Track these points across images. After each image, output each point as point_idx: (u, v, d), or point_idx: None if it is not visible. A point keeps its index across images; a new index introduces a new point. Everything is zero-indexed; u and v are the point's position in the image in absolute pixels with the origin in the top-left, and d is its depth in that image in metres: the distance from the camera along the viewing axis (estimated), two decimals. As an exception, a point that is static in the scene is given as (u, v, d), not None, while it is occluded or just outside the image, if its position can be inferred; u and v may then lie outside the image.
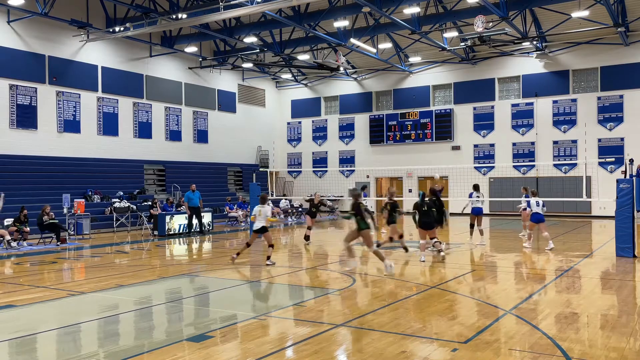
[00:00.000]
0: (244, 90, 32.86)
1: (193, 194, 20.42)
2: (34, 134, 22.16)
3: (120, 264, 13.35)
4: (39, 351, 6.67)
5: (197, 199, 20.48)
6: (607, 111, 26.68)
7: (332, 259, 13.78)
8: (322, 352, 6.18)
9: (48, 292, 9.78)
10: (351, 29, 24.78)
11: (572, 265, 12.28)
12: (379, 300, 8.90)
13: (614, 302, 8.72)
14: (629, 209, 13.04)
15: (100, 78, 24.73)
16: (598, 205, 25.60)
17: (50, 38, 22.69)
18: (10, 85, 21.39)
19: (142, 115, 26.55)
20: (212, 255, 15.47)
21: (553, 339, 6.59)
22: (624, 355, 6.04)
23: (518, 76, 28.84)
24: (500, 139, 29.09)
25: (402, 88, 31.88)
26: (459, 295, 9.20)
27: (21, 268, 13.00)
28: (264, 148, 33.62)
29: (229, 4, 19.06)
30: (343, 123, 33.66)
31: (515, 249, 15.53)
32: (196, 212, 20.42)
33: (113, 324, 7.77)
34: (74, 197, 19.56)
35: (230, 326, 7.39)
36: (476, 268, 12.18)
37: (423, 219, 13.04)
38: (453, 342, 6.52)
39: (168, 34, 26.35)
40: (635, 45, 25.89)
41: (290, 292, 9.96)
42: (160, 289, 10.37)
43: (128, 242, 18.48)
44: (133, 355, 6.17)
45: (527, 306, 8.34)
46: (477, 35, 21.37)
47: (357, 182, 32.17)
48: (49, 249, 16.27)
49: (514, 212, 28.16)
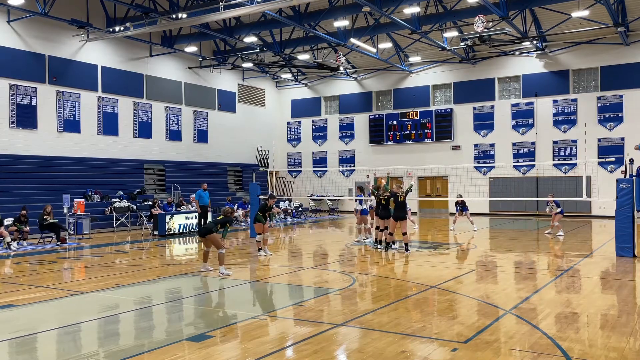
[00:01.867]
0: (244, 90, 32.86)
1: (204, 193, 20.57)
2: (34, 133, 22.16)
3: (120, 264, 13.35)
4: (39, 351, 6.67)
5: (208, 198, 20.64)
6: (607, 111, 26.68)
7: (332, 259, 13.78)
8: (322, 352, 6.18)
9: (48, 292, 9.78)
10: (351, 29, 24.78)
11: (572, 265, 12.28)
12: (379, 300, 8.90)
13: (614, 302, 8.72)
14: (629, 209, 13.04)
15: (100, 78, 24.73)
16: (598, 205, 25.61)
17: (50, 38, 22.68)
18: (10, 85, 21.39)
19: (142, 115, 26.55)
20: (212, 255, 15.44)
21: (553, 338, 6.59)
22: (624, 355, 6.04)
23: (518, 76, 28.84)
24: (500, 139, 29.08)
25: (402, 88, 31.88)
26: (459, 295, 9.19)
27: (21, 268, 13.00)
28: (264, 148, 33.62)
29: (229, 4, 19.05)
30: (343, 123, 33.66)
31: (515, 249, 15.53)
32: (205, 211, 20.54)
33: (113, 324, 7.77)
34: (74, 197, 19.56)
35: (230, 326, 7.39)
36: (476, 268, 12.18)
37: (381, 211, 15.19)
38: (453, 342, 6.52)
39: (168, 33, 26.35)
40: (635, 45, 25.89)
41: (290, 292, 9.96)
42: (160, 288, 10.37)
43: (128, 242, 18.48)
44: (133, 355, 6.17)
45: (527, 306, 8.34)
46: (477, 35, 21.35)
47: (357, 182, 32.21)
48: (49, 249, 16.27)
49: (515, 212, 28.27)
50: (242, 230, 22.05)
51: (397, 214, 14.56)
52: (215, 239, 11.54)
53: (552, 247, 15.91)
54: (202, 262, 12.03)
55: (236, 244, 17.75)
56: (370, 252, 14.83)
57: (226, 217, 11.78)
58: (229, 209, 12.20)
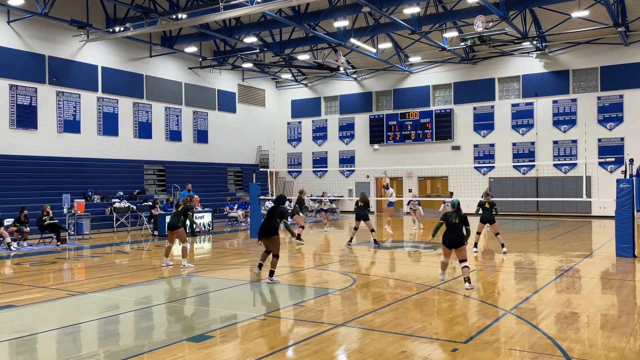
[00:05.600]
0: (244, 90, 32.86)
1: (189, 194, 20.33)
2: (34, 134, 22.16)
3: (120, 264, 13.35)
4: (39, 351, 6.67)
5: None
6: (607, 111, 26.68)
7: (332, 259, 13.78)
8: (322, 352, 6.18)
9: (48, 292, 9.78)
10: (351, 29, 24.78)
11: (572, 265, 12.28)
12: (379, 300, 8.90)
13: (614, 302, 8.72)
14: (629, 209, 13.04)
15: (100, 78, 24.73)
16: (598, 205, 25.60)
17: (50, 38, 22.69)
18: (10, 85, 21.39)
19: (142, 115, 26.55)
20: (212, 255, 15.46)
21: (553, 338, 6.59)
22: (624, 355, 6.04)
23: (518, 76, 28.84)
24: (500, 139, 29.09)
25: (402, 88, 31.88)
26: (459, 295, 9.19)
27: (21, 268, 13.00)
28: (264, 148, 33.62)
29: (229, 4, 19.06)
30: (343, 123, 33.66)
31: (515, 249, 15.53)
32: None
33: (113, 324, 7.77)
34: (74, 197, 19.56)
35: (230, 326, 7.39)
36: (476, 268, 12.17)
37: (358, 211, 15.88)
38: (453, 342, 6.52)
39: (168, 34, 26.35)
40: (635, 45, 25.89)
41: (290, 292, 9.96)
42: (160, 289, 10.37)
43: (128, 242, 18.49)
44: (133, 355, 6.17)
45: (527, 306, 8.34)
46: (477, 35, 21.37)
47: (357, 182, 32.23)
48: (49, 249, 16.27)
49: (515, 212, 28.25)
50: (243, 230, 22.05)
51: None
52: (180, 233, 12.15)
53: (552, 247, 15.90)
54: (164, 258, 12.45)
55: (236, 244, 17.75)
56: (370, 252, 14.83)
57: (185, 206, 12.30)
58: (187, 197, 12.64)
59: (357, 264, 12.98)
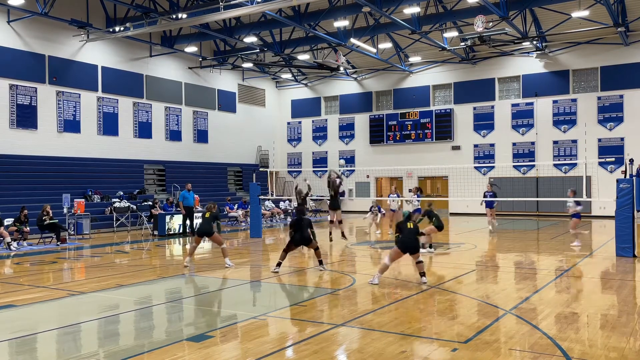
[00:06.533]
0: (244, 90, 32.86)
1: (188, 194, 20.30)
2: (34, 134, 22.16)
3: (120, 264, 13.35)
4: (39, 351, 6.67)
5: (193, 199, 20.40)
6: (607, 111, 26.67)
7: (332, 259, 13.78)
8: (322, 352, 6.18)
9: (48, 292, 9.78)
10: (351, 29, 24.78)
11: (572, 265, 12.28)
12: (379, 300, 8.90)
13: (614, 302, 8.71)
14: (629, 209, 13.04)
15: (100, 78, 24.73)
16: (598, 205, 25.61)
17: (50, 38, 22.68)
18: (10, 85, 21.39)
19: (142, 115, 26.55)
20: (212, 255, 15.45)
21: (553, 339, 6.59)
22: (624, 355, 6.04)
23: (518, 76, 28.84)
24: (500, 139, 29.08)
25: (402, 88, 31.88)
26: (459, 295, 9.19)
27: (21, 268, 13.00)
28: (264, 148, 33.62)
29: (229, 4, 19.05)
30: (343, 123, 33.65)
31: (515, 248, 15.53)
32: (190, 212, 20.29)
33: (113, 324, 7.77)
34: (74, 197, 19.55)
35: (230, 326, 7.39)
36: (476, 268, 12.18)
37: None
38: (453, 342, 6.52)
39: (168, 33, 26.35)
40: (635, 45, 25.89)
41: (290, 292, 9.96)
42: (160, 289, 10.37)
43: (128, 242, 18.49)
44: (133, 355, 6.17)
45: (527, 306, 8.34)
46: (477, 35, 21.36)
47: (357, 182, 32.22)
48: (49, 249, 16.27)
49: (515, 212, 28.26)
50: (242, 230, 22.05)
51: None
52: (216, 237, 12.41)
53: (552, 247, 15.90)
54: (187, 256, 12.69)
55: (236, 244, 17.74)
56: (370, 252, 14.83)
57: (213, 213, 12.55)
58: (210, 204, 12.87)
59: (357, 264, 12.99)
